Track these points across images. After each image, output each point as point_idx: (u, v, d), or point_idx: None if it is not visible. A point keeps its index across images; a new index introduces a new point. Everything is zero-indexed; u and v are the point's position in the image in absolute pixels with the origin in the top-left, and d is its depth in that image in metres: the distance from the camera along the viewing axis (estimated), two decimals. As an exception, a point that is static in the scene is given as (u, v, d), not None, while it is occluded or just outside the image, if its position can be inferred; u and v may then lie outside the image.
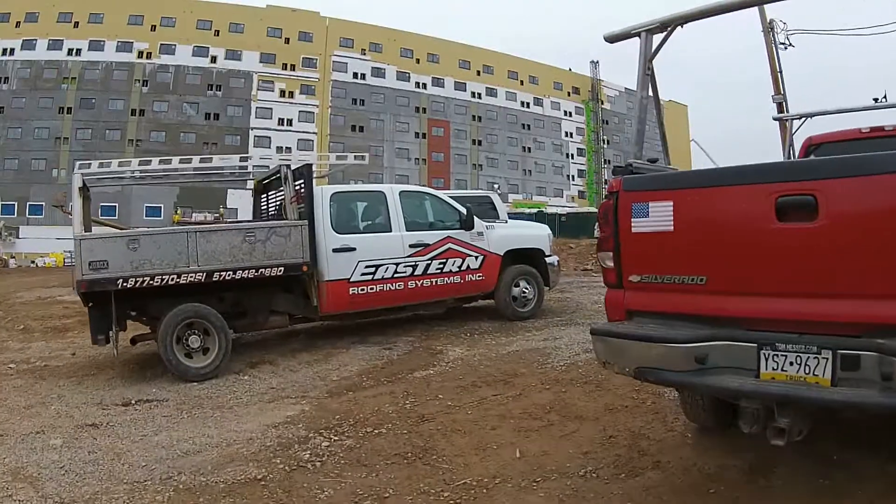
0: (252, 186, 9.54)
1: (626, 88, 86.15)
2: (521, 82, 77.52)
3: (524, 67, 77.61)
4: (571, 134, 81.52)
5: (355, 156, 8.85)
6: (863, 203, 2.66)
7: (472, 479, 3.86)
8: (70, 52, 57.30)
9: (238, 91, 62.60)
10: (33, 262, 44.61)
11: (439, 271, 8.38)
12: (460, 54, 73.24)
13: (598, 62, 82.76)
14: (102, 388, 6.48)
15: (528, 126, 77.79)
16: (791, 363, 2.76)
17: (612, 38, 3.70)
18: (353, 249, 7.82)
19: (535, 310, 9.31)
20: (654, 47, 3.52)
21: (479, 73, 74.56)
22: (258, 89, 63.26)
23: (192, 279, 6.76)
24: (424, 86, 71.25)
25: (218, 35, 62.05)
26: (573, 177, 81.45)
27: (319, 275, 7.60)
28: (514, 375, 6.08)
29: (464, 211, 8.67)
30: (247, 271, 7.01)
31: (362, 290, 7.87)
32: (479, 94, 74.51)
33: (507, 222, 10.91)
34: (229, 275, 6.93)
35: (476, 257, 8.69)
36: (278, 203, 8.39)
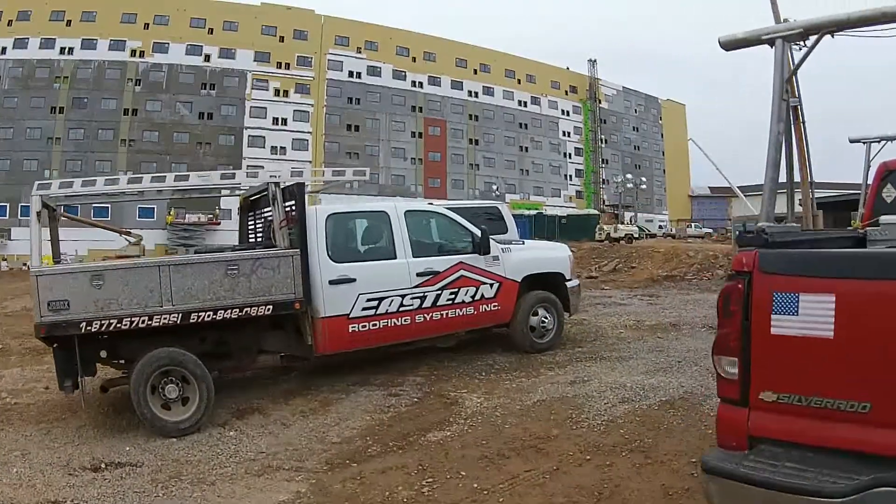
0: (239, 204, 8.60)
1: (623, 87, 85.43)
2: (519, 81, 76.80)
3: (521, 66, 76.88)
4: (569, 133, 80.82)
5: (354, 171, 7.86)
6: None
7: None
8: (62, 50, 56.78)
9: (232, 90, 61.97)
10: (25, 264, 43.78)
11: (450, 302, 7.40)
12: (457, 53, 72.48)
13: (595, 60, 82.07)
14: (72, 442, 5.68)
15: (526, 125, 77.13)
16: None
17: (731, 45, 2.77)
18: (353, 280, 6.84)
19: (554, 340, 8.39)
20: (794, 61, 2.57)
21: (475, 71, 73.84)
22: (252, 88, 62.63)
23: (165, 321, 5.84)
24: (421, 84, 70.51)
25: (212, 33, 61.42)
26: (571, 176, 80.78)
27: (314, 311, 6.62)
28: (546, 438, 5.17)
29: (478, 233, 7.69)
30: (229, 311, 6.07)
31: (364, 326, 6.90)
32: (476, 93, 73.79)
33: (523, 242, 9.90)
34: (209, 315, 6.00)
35: (491, 285, 7.72)
36: (268, 223, 7.42)
